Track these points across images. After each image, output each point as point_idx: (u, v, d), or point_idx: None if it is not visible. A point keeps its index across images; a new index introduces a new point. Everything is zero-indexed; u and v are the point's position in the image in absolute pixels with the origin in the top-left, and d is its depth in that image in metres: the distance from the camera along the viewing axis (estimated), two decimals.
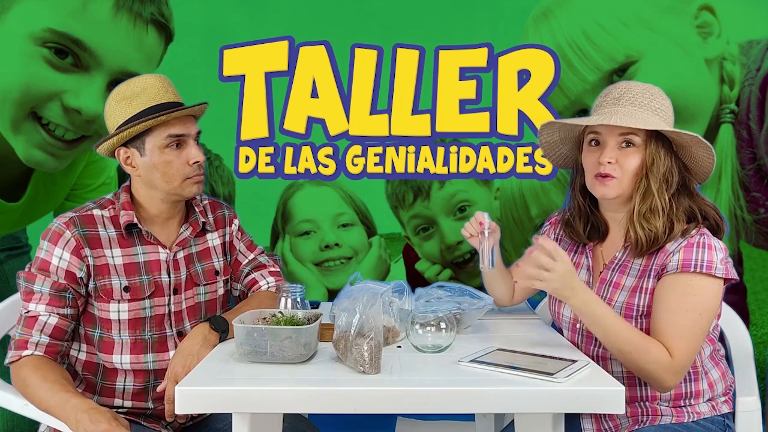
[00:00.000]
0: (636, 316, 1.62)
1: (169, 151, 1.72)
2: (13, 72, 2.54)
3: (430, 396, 1.39)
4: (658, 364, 1.55)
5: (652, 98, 1.65)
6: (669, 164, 1.63)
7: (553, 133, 1.79)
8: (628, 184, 1.64)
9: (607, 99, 1.69)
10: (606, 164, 1.63)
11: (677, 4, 2.55)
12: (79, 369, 1.75)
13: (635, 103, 1.64)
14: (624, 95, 1.66)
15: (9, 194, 2.62)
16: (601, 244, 1.76)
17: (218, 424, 1.80)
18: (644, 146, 1.63)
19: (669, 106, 1.68)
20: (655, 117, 1.63)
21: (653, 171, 1.62)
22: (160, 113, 1.69)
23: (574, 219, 1.78)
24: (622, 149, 1.64)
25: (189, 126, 1.75)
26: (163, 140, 1.71)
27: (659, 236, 1.61)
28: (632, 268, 1.66)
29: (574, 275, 1.56)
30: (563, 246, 1.83)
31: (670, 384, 1.57)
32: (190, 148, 1.74)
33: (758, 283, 2.64)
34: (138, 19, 2.56)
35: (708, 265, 1.55)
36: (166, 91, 1.74)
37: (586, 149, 1.70)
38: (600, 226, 1.75)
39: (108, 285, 1.70)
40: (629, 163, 1.63)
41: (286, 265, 2.67)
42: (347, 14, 2.62)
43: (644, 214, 1.62)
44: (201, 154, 1.75)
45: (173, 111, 1.70)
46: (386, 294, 1.69)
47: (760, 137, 2.55)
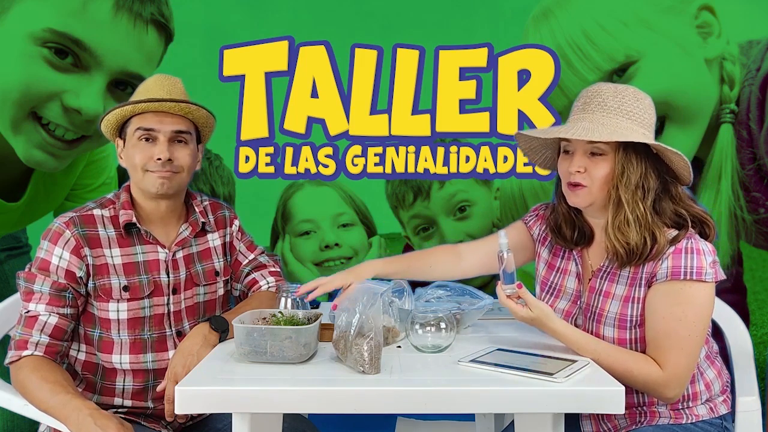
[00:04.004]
0: (629, 327, 1.61)
1: (140, 144, 1.72)
2: (13, 72, 2.54)
3: (430, 396, 1.39)
4: (647, 379, 1.54)
5: (623, 101, 1.59)
6: (643, 171, 1.57)
7: (531, 140, 1.75)
8: (599, 193, 1.60)
9: (578, 104, 1.65)
10: (575, 173, 1.60)
11: (677, 4, 2.55)
12: (79, 369, 1.75)
13: (604, 108, 1.59)
14: (593, 100, 1.62)
15: (9, 194, 2.62)
16: (588, 248, 1.74)
17: (218, 424, 1.80)
18: (613, 154, 1.58)
19: (643, 108, 1.61)
20: (627, 121, 1.58)
21: (623, 181, 1.57)
22: (129, 103, 1.71)
23: (560, 225, 1.75)
24: (590, 158, 1.60)
25: (164, 123, 1.73)
26: (136, 132, 1.73)
27: (635, 247, 1.56)
28: (621, 275, 1.64)
29: (549, 319, 1.57)
30: (549, 247, 1.82)
31: (670, 395, 1.57)
32: (158, 144, 1.72)
33: (758, 283, 2.64)
34: (138, 19, 2.56)
35: (698, 271, 1.53)
36: (159, 88, 1.74)
37: (561, 156, 1.67)
38: (586, 230, 1.73)
39: (107, 285, 1.70)
40: (597, 172, 1.59)
41: (286, 265, 2.67)
42: (347, 14, 2.62)
43: (618, 226, 1.58)
44: (166, 153, 1.71)
45: (140, 102, 1.71)
46: (386, 294, 1.69)
47: (760, 137, 2.55)
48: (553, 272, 1.79)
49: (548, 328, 1.59)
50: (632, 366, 1.55)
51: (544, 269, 1.82)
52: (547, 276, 1.80)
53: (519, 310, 1.57)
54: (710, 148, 2.57)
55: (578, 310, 1.71)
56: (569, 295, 1.74)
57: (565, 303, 1.74)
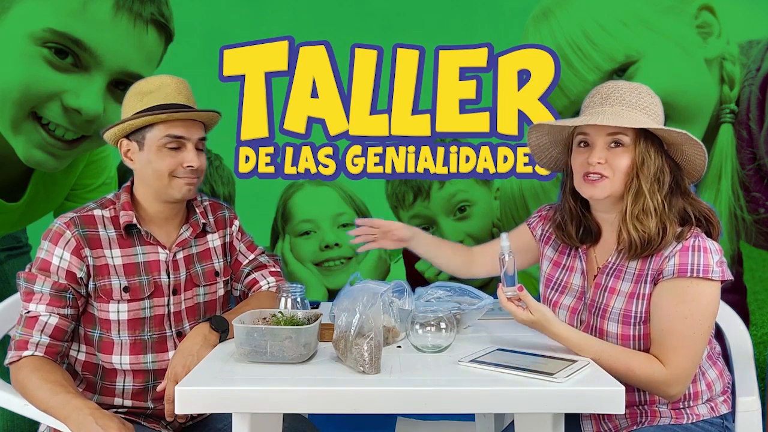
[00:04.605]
0: (634, 323, 1.61)
1: (166, 151, 1.72)
2: (13, 72, 2.54)
3: (430, 396, 1.39)
4: (650, 378, 1.55)
5: (640, 97, 1.63)
6: (660, 164, 1.61)
7: (542, 136, 1.77)
8: (620, 184, 1.62)
9: (594, 99, 1.67)
10: (595, 164, 1.62)
11: (677, 4, 2.55)
12: (79, 369, 1.75)
13: (623, 102, 1.63)
14: (611, 94, 1.65)
15: (9, 194, 2.62)
16: (594, 246, 1.75)
17: (218, 424, 1.80)
18: (633, 146, 1.61)
19: (657, 105, 1.66)
20: (644, 116, 1.62)
21: (643, 171, 1.60)
22: (162, 111, 1.69)
23: (566, 222, 1.76)
24: (611, 149, 1.62)
25: (191, 130, 1.74)
26: (162, 139, 1.71)
27: (652, 238, 1.59)
28: (627, 272, 1.65)
29: (549, 322, 1.58)
30: (554, 246, 1.83)
31: (672, 393, 1.57)
32: (187, 151, 1.73)
33: (758, 283, 2.64)
34: (138, 19, 2.56)
35: (705, 269, 1.54)
36: (179, 93, 1.74)
37: (575, 150, 1.69)
38: (592, 228, 1.74)
39: (107, 285, 1.70)
40: (619, 162, 1.61)
41: (286, 265, 2.67)
42: (347, 14, 2.62)
43: (637, 215, 1.60)
44: (197, 160, 1.74)
45: (175, 111, 1.71)
46: (386, 294, 1.69)
47: (760, 137, 2.55)
48: (558, 269, 1.80)
49: (549, 331, 1.59)
50: (634, 365, 1.55)
51: (550, 267, 1.82)
52: (553, 273, 1.81)
53: (519, 313, 1.58)
54: (710, 148, 2.57)
55: (583, 306, 1.72)
56: (575, 292, 1.74)
57: (571, 299, 1.74)
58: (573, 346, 1.58)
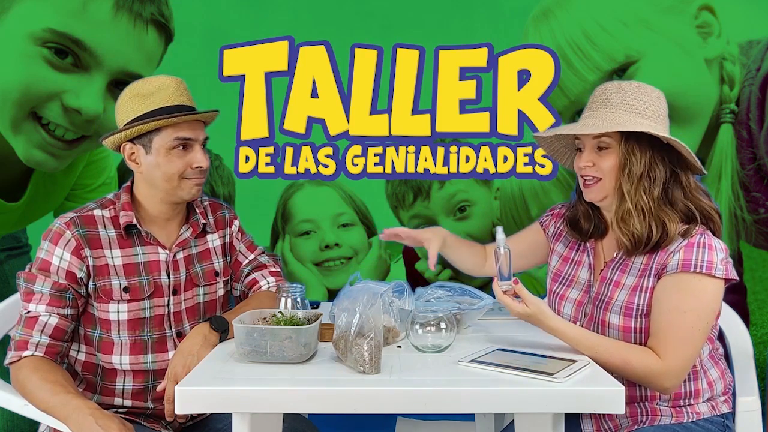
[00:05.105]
0: (636, 315, 1.62)
1: (175, 153, 1.72)
2: (13, 72, 2.54)
3: (430, 396, 1.39)
4: (645, 370, 1.55)
5: (625, 96, 1.65)
6: (647, 162, 1.61)
7: (553, 142, 1.82)
8: (610, 186, 1.65)
9: (588, 104, 1.72)
10: (585, 168, 1.67)
11: (677, 4, 2.55)
12: (79, 369, 1.75)
13: (608, 104, 1.66)
14: (598, 98, 1.69)
15: (9, 194, 2.62)
16: (602, 240, 1.77)
17: (218, 424, 1.80)
18: (618, 147, 1.63)
19: (650, 100, 1.65)
20: (629, 115, 1.63)
21: (625, 171, 1.62)
22: (171, 114, 1.69)
23: (578, 219, 1.79)
24: (598, 152, 1.66)
25: (197, 131, 1.75)
26: (171, 142, 1.71)
27: (642, 236, 1.60)
28: (633, 266, 1.66)
29: (545, 315, 1.59)
30: (564, 242, 1.85)
31: (668, 386, 1.57)
32: (195, 152, 1.74)
33: (758, 283, 2.64)
34: (138, 19, 2.56)
35: (708, 265, 1.55)
36: (180, 94, 1.74)
37: (576, 155, 1.73)
38: (601, 224, 1.77)
39: (107, 285, 1.70)
40: (605, 164, 1.64)
41: (286, 265, 2.67)
42: (347, 14, 2.62)
43: (622, 216, 1.63)
44: (205, 160, 1.75)
45: (185, 114, 1.71)
46: (386, 294, 1.69)
47: (760, 137, 2.55)
48: (567, 264, 1.82)
49: (545, 325, 1.60)
50: (630, 357, 1.56)
51: (559, 262, 1.85)
52: (561, 268, 1.83)
53: (515, 306, 1.59)
54: (710, 148, 2.57)
55: (588, 299, 1.73)
56: (581, 285, 1.76)
57: (577, 292, 1.76)
58: (569, 339, 1.59)
